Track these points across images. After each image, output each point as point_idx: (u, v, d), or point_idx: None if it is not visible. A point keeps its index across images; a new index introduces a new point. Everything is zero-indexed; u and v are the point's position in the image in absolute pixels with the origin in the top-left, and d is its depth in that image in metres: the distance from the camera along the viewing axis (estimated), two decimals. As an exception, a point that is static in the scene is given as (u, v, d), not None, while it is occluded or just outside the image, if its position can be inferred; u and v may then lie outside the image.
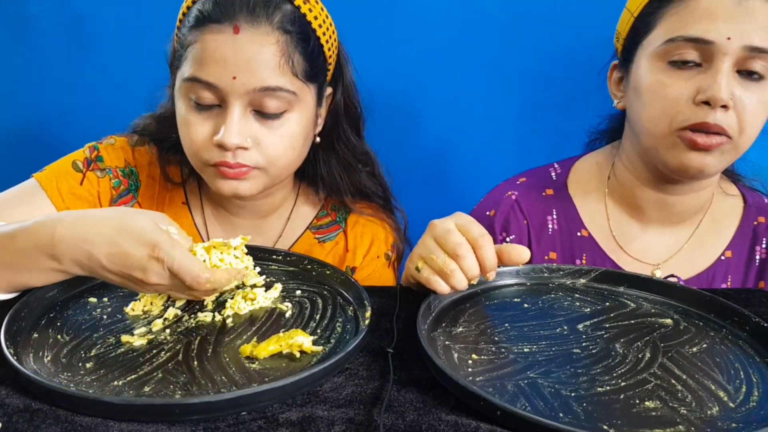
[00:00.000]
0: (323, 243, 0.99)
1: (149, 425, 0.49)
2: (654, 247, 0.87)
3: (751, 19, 0.72)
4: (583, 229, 0.88)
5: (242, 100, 0.79)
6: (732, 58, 0.73)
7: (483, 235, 0.68)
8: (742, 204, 0.89)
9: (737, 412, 0.52)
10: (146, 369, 0.56)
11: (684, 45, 0.74)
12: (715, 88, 0.72)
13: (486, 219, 0.93)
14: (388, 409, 0.51)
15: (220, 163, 0.81)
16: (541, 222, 0.89)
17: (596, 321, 0.68)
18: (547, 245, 0.89)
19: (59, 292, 0.70)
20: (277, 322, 0.67)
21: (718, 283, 0.85)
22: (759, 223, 0.87)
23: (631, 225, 0.88)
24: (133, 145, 0.96)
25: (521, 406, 0.52)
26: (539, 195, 0.91)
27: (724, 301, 0.69)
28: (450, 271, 0.67)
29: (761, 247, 0.86)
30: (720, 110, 0.72)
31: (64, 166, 0.90)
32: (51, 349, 0.59)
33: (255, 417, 0.50)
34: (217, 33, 0.78)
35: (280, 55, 0.79)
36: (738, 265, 0.86)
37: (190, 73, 0.80)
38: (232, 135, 0.79)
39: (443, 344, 0.62)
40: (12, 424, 0.48)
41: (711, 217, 0.87)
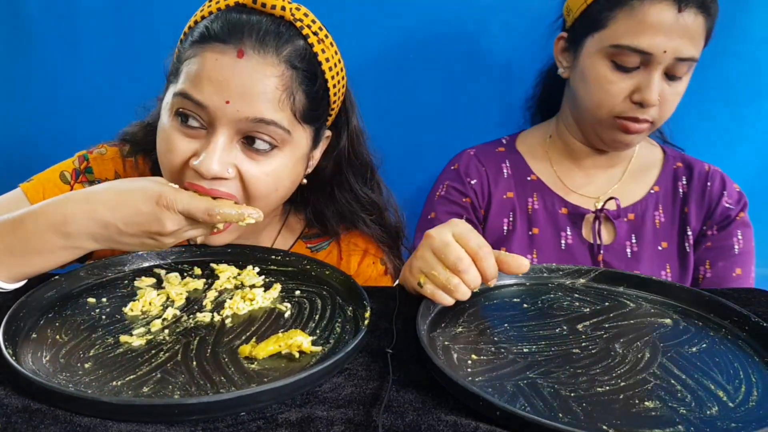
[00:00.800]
0: (316, 253, 0.98)
1: (148, 425, 0.48)
2: (593, 184, 1.05)
3: (684, 34, 0.87)
4: (532, 174, 1.06)
5: (230, 128, 0.74)
6: (664, 65, 0.89)
7: (482, 246, 0.67)
8: (662, 153, 1.09)
9: (736, 412, 0.52)
10: (145, 369, 0.56)
11: (630, 53, 0.89)
12: (648, 93, 0.89)
13: (451, 172, 1.08)
14: (388, 410, 0.51)
15: (194, 187, 0.75)
16: (496, 168, 1.06)
17: (596, 321, 0.68)
18: (504, 187, 1.05)
19: (58, 292, 0.70)
20: (276, 323, 0.67)
21: (651, 210, 1.03)
22: (678, 167, 1.06)
23: (571, 169, 1.06)
24: (125, 156, 0.92)
25: (520, 406, 0.52)
26: (493, 151, 1.09)
27: (724, 301, 0.69)
28: (453, 287, 0.66)
29: (682, 183, 1.04)
30: (649, 108, 0.91)
31: (52, 177, 0.88)
32: (50, 350, 0.59)
33: (254, 417, 0.50)
34: (219, 53, 0.73)
35: (282, 90, 0.75)
36: (665, 196, 1.04)
37: (181, 88, 0.75)
38: (212, 162, 0.73)
39: (442, 344, 0.62)
40: (11, 425, 0.48)
41: (638, 160, 1.06)
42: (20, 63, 1.30)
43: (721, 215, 1.00)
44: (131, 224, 0.66)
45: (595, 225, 1.00)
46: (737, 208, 1.00)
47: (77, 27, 1.27)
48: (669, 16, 0.86)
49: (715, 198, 1.01)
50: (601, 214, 1.00)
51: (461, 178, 1.06)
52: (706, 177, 1.02)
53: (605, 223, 1.01)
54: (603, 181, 1.04)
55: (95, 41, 1.28)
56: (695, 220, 1.01)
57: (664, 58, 0.87)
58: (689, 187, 1.03)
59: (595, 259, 1.00)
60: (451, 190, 1.06)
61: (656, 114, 0.92)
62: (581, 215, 1.01)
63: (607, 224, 1.01)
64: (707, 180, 1.02)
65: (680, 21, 0.86)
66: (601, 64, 0.91)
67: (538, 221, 1.02)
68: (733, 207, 1.00)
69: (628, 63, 0.89)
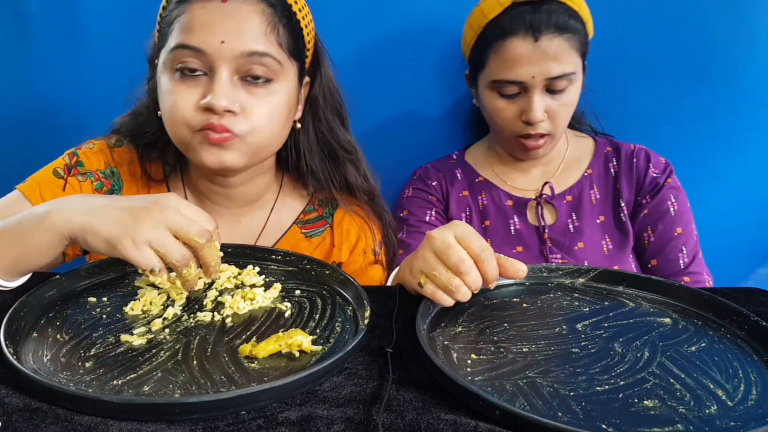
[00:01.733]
0: (310, 238, 1.00)
1: (149, 424, 0.49)
2: (532, 179, 1.16)
3: (547, 57, 0.98)
4: (479, 177, 1.18)
5: (230, 65, 0.81)
6: (540, 87, 1.00)
7: (484, 249, 0.68)
8: (593, 142, 1.19)
9: (735, 411, 0.52)
10: (146, 368, 0.57)
11: (506, 84, 1.01)
12: (530, 113, 1.01)
13: (414, 180, 1.20)
14: (387, 409, 0.52)
15: (207, 126, 0.81)
16: (451, 174, 1.19)
17: (595, 320, 0.68)
18: (459, 188, 1.17)
19: (59, 291, 0.70)
20: (277, 322, 0.67)
21: (587, 191, 1.13)
22: (608, 151, 1.16)
23: (510, 171, 1.18)
24: (112, 147, 0.96)
25: (520, 405, 0.52)
26: (446, 162, 1.22)
27: (723, 300, 0.69)
28: (455, 288, 0.67)
29: (612, 164, 1.14)
30: (538, 124, 1.02)
31: (46, 175, 0.90)
32: (50, 349, 0.60)
33: (254, 416, 0.50)
34: (204, 2, 0.81)
35: (267, 24, 0.82)
36: (599, 177, 1.14)
37: (177, 41, 0.81)
38: (221, 97, 0.79)
39: (442, 344, 0.63)
40: (12, 423, 0.48)
41: (570, 155, 1.17)
42: (21, 63, 1.30)
43: (651, 184, 1.10)
44: (122, 202, 0.66)
45: (538, 209, 1.12)
46: (664, 176, 1.11)
47: (78, 27, 1.27)
48: (527, 47, 0.98)
49: (642, 170, 1.11)
50: (541, 199, 1.12)
51: (423, 180, 1.19)
52: (632, 155, 1.13)
53: (546, 207, 1.13)
54: (540, 176, 1.16)
55: (96, 41, 1.27)
56: (627, 192, 1.11)
57: (535, 81, 0.99)
58: (619, 166, 1.13)
59: (542, 238, 1.11)
60: (417, 191, 1.18)
61: (549, 127, 1.03)
62: (524, 203, 1.13)
63: (548, 207, 1.13)
64: (633, 157, 1.13)
65: (539, 48, 0.98)
66: (491, 96, 1.05)
67: (489, 214, 1.15)
68: (660, 175, 1.11)
69: (509, 92, 1.02)
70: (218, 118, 0.81)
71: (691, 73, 1.25)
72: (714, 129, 1.27)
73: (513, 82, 1.00)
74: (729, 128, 1.27)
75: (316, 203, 1.03)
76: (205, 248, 0.65)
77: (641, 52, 1.24)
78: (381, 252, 1.03)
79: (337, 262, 0.99)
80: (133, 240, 0.62)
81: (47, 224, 0.66)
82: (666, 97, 1.26)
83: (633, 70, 1.24)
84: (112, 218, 0.63)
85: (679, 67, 1.25)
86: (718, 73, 1.24)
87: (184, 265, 0.64)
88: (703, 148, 1.28)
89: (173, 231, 0.63)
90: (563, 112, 1.03)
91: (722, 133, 1.28)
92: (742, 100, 1.26)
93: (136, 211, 0.63)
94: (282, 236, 0.99)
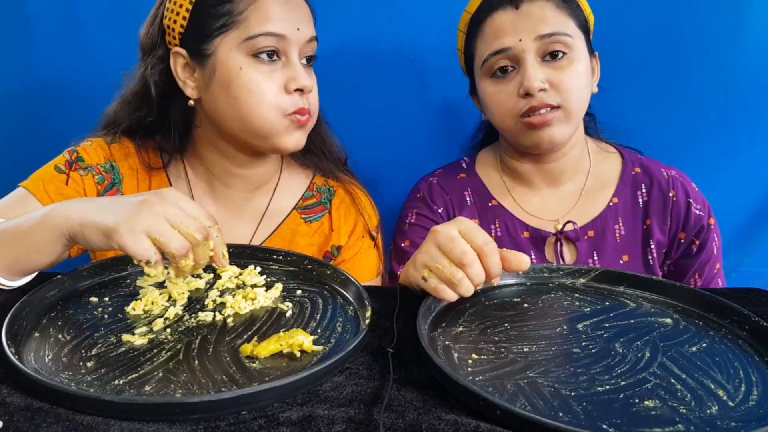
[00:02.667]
0: (309, 223, 1.02)
1: (150, 424, 0.49)
2: (550, 206, 1.04)
3: (530, 19, 0.91)
4: (493, 200, 1.06)
5: (298, 50, 0.89)
6: (533, 54, 0.91)
7: (488, 242, 0.68)
8: (620, 159, 1.07)
9: (736, 411, 0.52)
10: (147, 368, 0.57)
11: (494, 59, 0.94)
12: (527, 81, 0.90)
13: (417, 200, 1.08)
14: (388, 409, 0.52)
15: (299, 110, 0.88)
16: (460, 197, 1.07)
17: (596, 320, 0.68)
18: (469, 214, 1.05)
19: (60, 291, 0.71)
20: (278, 322, 0.67)
21: (611, 224, 1.02)
22: (636, 173, 1.04)
23: (526, 192, 1.06)
24: (110, 143, 0.97)
25: (521, 405, 0.52)
26: (455, 178, 1.09)
27: (724, 301, 0.69)
28: (458, 281, 0.67)
29: (641, 192, 1.03)
30: (539, 93, 0.90)
31: (48, 171, 0.91)
32: (52, 349, 0.60)
33: (255, 416, 0.50)
34: None
35: (310, 11, 0.93)
36: (625, 208, 1.02)
37: (260, 29, 0.85)
38: (305, 77, 0.88)
39: (443, 344, 0.63)
40: (13, 423, 0.48)
41: (594, 175, 1.05)
42: (21, 63, 1.30)
43: (695, 225, 1.00)
44: (122, 199, 0.67)
45: (557, 246, 1.00)
46: (706, 213, 1.01)
47: (78, 27, 1.27)
48: (509, 15, 0.92)
49: (683, 209, 1.00)
50: (561, 236, 1.00)
51: (428, 205, 1.07)
52: (667, 185, 1.01)
53: (567, 244, 1.01)
54: (560, 202, 1.04)
55: (96, 41, 1.28)
56: (659, 232, 1.00)
57: (524, 45, 0.91)
58: (649, 196, 1.02)
59: None
60: (421, 217, 1.06)
61: (555, 96, 0.91)
62: (543, 238, 1.01)
63: (568, 244, 1.01)
64: (669, 189, 1.01)
65: (522, 13, 0.92)
66: (485, 84, 0.97)
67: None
68: (703, 213, 1.00)
69: (501, 66, 0.94)
70: (305, 100, 0.89)
71: (684, 73, 1.25)
72: (708, 128, 1.28)
73: (500, 52, 0.92)
74: (724, 127, 1.28)
75: (315, 189, 1.05)
76: (200, 246, 0.65)
77: (634, 53, 1.24)
78: (378, 237, 1.05)
79: (336, 245, 1.01)
80: (131, 229, 0.61)
81: (47, 222, 0.66)
82: (661, 96, 1.26)
83: (625, 70, 1.23)
84: (110, 211, 0.64)
85: (670, 66, 1.25)
86: (710, 71, 1.24)
87: (183, 256, 0.64)
88: (699, 148, 1.29)
89: (172, 224, 0.63)
90: (569, 82, 0.91)
91: (718, 132, 1.28)
92: (740, 100, 1.26)
93: (135, 203, 0.64)
94: (282, 221, 1.01)
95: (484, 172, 1.09)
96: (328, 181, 1.06)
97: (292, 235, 1.00)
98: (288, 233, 1.00)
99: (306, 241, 1.00)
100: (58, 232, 0.66)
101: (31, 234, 0.68)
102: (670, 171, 1.03)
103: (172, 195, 0.66)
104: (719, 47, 1.23)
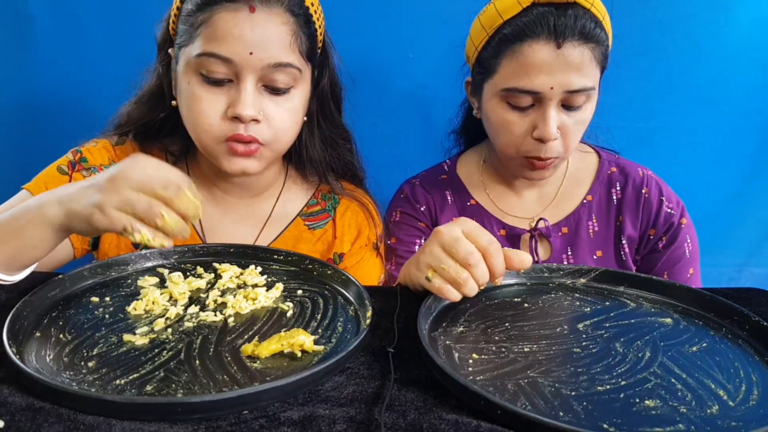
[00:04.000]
0: (313, 230, 1.01)
1: (151, 424, 0.49)
2: (526, 205, 1.07)
3: (568, 67, 0.88)
4: (471, 199, 1.09)
5: (255, 75, 0.83)
6: (556, 100, 0.90)
7: (492, 242, 0.68)
8: (597, 158, 1.09)
9: (737, 411, 0.53)
10: (148, 368, 0.57)
11: (520, 94, 0.91)
12: (544, 129, 0.90)
13: (401, 200, 1.11)
14: (389, 408, 0.52)
15: (234, 137, 0.84)
16: (441, 196, 1.10)
17: (596, 320, 0.68)
18: (449, 213, 1.08)
19: (61, 291, 0.71)
20: (279, 322, 0.67)
21: (585, 221, 1.04)
22: (612, 172, 1.06)
23: (504, 192, 1.08)
24: (115, 144, 0.97)
25: (522, 405, 0.52)
26: (436, 179, 1.12)
27: (724, 300, 0.69)
28: (463, 281, 0.67)
29: (616, 190, 1.05)
30: (550, 143, 0.92)
31: (51, 173, 0.91)
32: (53, 348, 0.60)
33: (256, 416, 0.50)
34: (233, 11, 0.81)
35: (291, 34, 0.84)
36: (599, 205, 1.05)
37: (204, 48, 0.82)
38: (247, 107, 0.82)
39: (444, 344, 0.63)
40: (15, 423, 0.48)
41: (570, 175, 1.07)
42: (22, 63, 1.30)
43: (666, 223, 1.01)
44: (92, 179, 0.66)
45: (532, 243, 1.03)
46: (678, 213, 1.02)
47: (79, 27, 1.27)
48: (548, 53, 0.87)
49: (655, 205, 1.02)
50: (536, 233, 1.03)
51: (411, 203, 1.09)
52: (641, 183, 1.03)
53: (541, 240, 1.04)
54: (536, 201, 1.07)
55: (97, 41, 1.28)
56: (631, 227, 1.02)
57: (553, 93, 0.89)
58: (623, 193, 1.03)
59: None
60: (405, 216, 1.09)
61: (560, 148, 0.93)
62: (518, 236, 1.04)
63: (543, 240, 1.04)
64: (642, 186, 1.03)
65: (561, 56, 0.87)
66: (499, 107, 0.94)
67: None
68: (675, 212, 1.02)
69: (521, 103, 0.91)
70: (244, 128, 0.83)
71: (675, 74, 1.26)
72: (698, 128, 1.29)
73: (528, 92, 0.89)
74: (716, 127, 1.29)
75: (319, 197, 1.04)
76: (175, 199, 0.64)
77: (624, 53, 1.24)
78: (381, 247, 1.05)
79: (339, 253, 1.01)
80: (101, 210, 0.63)
81: (39, 217, 0.67)
82: (653, 97, 1.27)
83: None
84: (84, 197, 0.65)
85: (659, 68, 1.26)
86: (703, 71, 1.25)
87: (154, 216, 0.63)
88: (691, 148, 1.30)
89: (137, 189, 0.63)
90: (576, 132, 0.93)
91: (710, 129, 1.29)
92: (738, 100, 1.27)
93: (101, 183, 0.64)
94: (286, 227, 1.00)
95: (465, 172, 1.12)
96: (333, 188, 1.04)
97: (295, 241, 1.00)
98: (291, 239, 1.00)
99: (309, 247, 1.00)
100: (51, 225, 0.67)
101: (25, 230, 0.68)
102: (646, 171, 1.05)
103: (137, 162, 0.65)
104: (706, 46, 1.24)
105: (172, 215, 0.64)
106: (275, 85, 0.85)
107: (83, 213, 0.64)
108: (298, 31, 0.85)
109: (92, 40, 1.28)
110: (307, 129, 0.98)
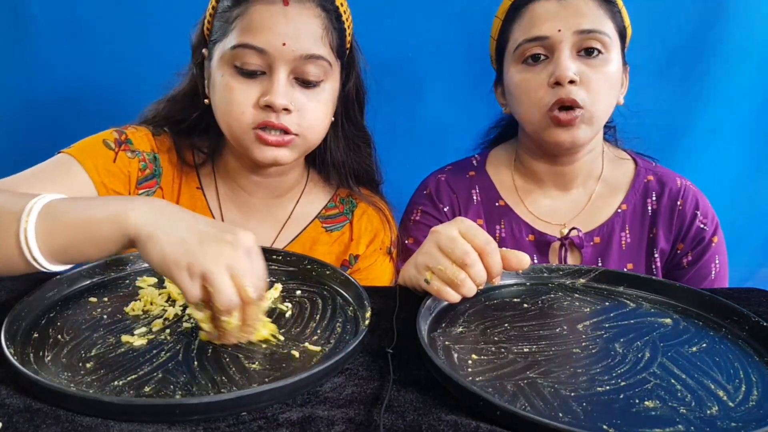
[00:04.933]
0: (330, 233, 1.02)
1: (149, 425, 0.49)
2: (558, 210, 1.04)
3: (575, 12, 0.90)
4: (500, 200, 1.05)
5: (287, 67, 0.85)
6: (569, 44, 0.90)
7: (489, 241, 0.68)
8: (633, 166, 1.06)
9: (736, 412, 0.52)
10: (146, 369, 0.57)
11: (530, 45, 0.92)
12: (559, 70, 0.88)
13: (424, 197, 1.07)
14: (388, 409, 0.52)
15: (264, 123, 0.85)
16: (467, 195, 1.06)
17: (596, 321, 0.68)
18: (474, 214, 1.05)
19: (59, 292, 0.70)
20: (277, 322, 0.67)
21: (618, 231, 1.01)
22: (648, 180, 1.03)
23: (535, 193, 1.05)
24: (154, 134, 0.97)
25: (521, 406, 0.52)
26: (464, 176, 1.08)
27: (724, 301, 0.69)
28: (460, 281, 0.67)
29: (651, 200, 1.01)
30: (569, 86, 0.88)
31: (96, 144, 0.89)
32: (51, 349, 0.60)
33: (255, 417, 0.50)
34: (268, 4, 0.84)
35: (323, 28, 0.87)
36: (633, 215, 1.01)
37: (239, 40, 0.84)
38: (280, 96, 0.84)
39: (443, 344, 0.63)
40: (12, 424, 0.48)
41: (605, 181, 1.04)
42: (22, 63, 1.30)
43: (695, 237, 0.98)
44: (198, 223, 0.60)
45: (561, 252, 0.99)
46: (711, 229, 0.98)
47: (79, 28, 1.27)
48: (552, 4, 0.91)
49: (688, 216, 0.98)
50: (566, 241, 0.99)
51: (434, 203, 1.06)
52: (678, 194, 0.99)
53: (572, 250, 1.00)
54: (568, 206, 1.03)
55: (97, 41, 1.28)
56: (664, 240, 0.99)
57: (562, 36, 0.89)
58: (658, 204, 1.00)
59: None
60: (426, 215, 1.05)
61: (584, 95, 0.89)
62: (547, 243, 1.01)
63: (573, 250, 1.00)
64: (678, 197, 0.99)
65: (566, 3, 0.91)
66: (514, 69, 0.95)
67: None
68: (708, 228, 0.98)
69: (534, 53, 0.92)
70: (276, 116, 0.85)
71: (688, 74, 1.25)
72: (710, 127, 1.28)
73: (536, 39, 0.90)
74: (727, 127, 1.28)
75: (338, 200, 1.05)
76: (253, 305, 0.59)
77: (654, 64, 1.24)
78: (394, 252, 1.05)
79: (354, 254, 1.01)
80: (190, 268, 0.56)
81: (120, 218, 0.60)
82: (665, 99, 1.27)
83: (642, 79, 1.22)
84: (179, 237, 0.58)
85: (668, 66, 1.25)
86: (717, 72, 1.25)
87: (227, 313, 0.57)
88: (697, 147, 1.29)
89: (231, 270, 0.57)
90: (599, 82, 0.90)
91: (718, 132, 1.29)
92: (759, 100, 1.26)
93: (206, 237, 0.58)
94: (304, 229, 1.01)
95: (494, 170, 1.08)
96: (351, 193, 1.05)
97: (312, 243, 1.00)
98: (308, 241, 1.00)
99: (325, 249, 1.00)
100: (124, 231, 0.59)
101: (94, 225, 0.61)
102: (684, 181, 1.02)
103: (247, 241, 0.60)
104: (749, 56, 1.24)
105: (237, 320, 0.59)
106: (306, 77, 0.86)
107: (167, 250, 0.57)
108: (329, 26, 0.87)
109: (92, 40, 1.28)
110: (332, 131, 0.98)
